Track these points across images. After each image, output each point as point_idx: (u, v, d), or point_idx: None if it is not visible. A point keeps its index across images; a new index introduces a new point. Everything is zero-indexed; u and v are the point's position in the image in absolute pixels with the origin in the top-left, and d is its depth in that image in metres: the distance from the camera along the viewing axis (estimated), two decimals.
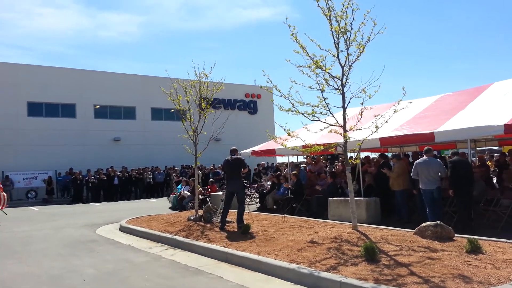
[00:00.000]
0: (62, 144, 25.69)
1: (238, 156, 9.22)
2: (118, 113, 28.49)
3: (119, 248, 8.39)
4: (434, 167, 8.38)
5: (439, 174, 8.38)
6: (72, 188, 22.77)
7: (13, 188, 23.13)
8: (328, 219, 9.86)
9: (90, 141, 26.65)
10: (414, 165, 8.64)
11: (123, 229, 10.70)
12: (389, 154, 22.45)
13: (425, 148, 8.82)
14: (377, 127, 7.17)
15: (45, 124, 25.53)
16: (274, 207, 13.13)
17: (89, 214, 15.30)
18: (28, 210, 17.95)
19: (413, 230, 6.91)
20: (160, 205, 17.25)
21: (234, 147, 9.51)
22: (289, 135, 7.71)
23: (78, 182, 22.35)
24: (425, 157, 8.54)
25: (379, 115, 7.26)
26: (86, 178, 22.51)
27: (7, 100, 24.42)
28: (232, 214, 9.42)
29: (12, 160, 23.76)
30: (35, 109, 25.68)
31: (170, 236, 8.72)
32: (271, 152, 13.51)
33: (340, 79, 7.10)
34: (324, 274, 5.17)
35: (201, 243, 7.76)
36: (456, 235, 6.62)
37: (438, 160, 8.89)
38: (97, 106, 27.64)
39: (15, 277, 6.18)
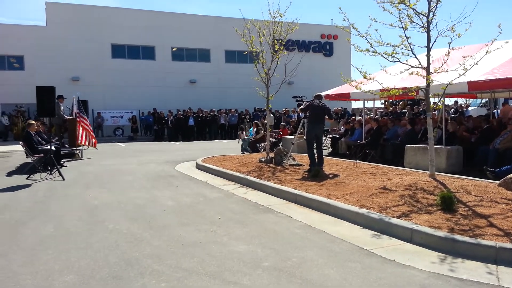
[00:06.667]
0: (144, 85, 27.16)
1: (326, 104, 9.22)
2: (194, 56, 29.18)
3: (195, 184, 8.93)
4: None
5: None
6: (154, 127, 24.39)
7: (104, 124, 25.43)
8: (403, 167, 9.50)
9: (169, 83, 27.84)
10: None
11: (199, 167, 11.32)
12: (478, 101, 20.57)
13: None
14: (465, 69, 6.51)
15: (127, 66, 27.03)
16: (347, 152, 12.93)
17: (169, 152, 16.35)
18: (115, 146, 19.65)
19: (497, 182, 6.44)
20: (233, 146, 17.83)
21: (319, 93, 9.97)
22: (365, 77, 7.31)
23: (161, 121, 23.84)
24: None
25: (468, 56, 6.57)
26: (166, 118, 23.86)
27: (93, 42, 26.02)
28: (303, 158, 9.45)
29: (100, 99, 25.74)
30: (118, 50, 27.17)
31: (242, 175, 9.06)
32: (346, 96, 13.03)
33: (426, 15, 6.46)
34: (395, 221, 5.07)
35: (271, 183, 7.96)
36: None
37: None
38: (174, 49, 28.47)
39: (106, 205, 6.90)
